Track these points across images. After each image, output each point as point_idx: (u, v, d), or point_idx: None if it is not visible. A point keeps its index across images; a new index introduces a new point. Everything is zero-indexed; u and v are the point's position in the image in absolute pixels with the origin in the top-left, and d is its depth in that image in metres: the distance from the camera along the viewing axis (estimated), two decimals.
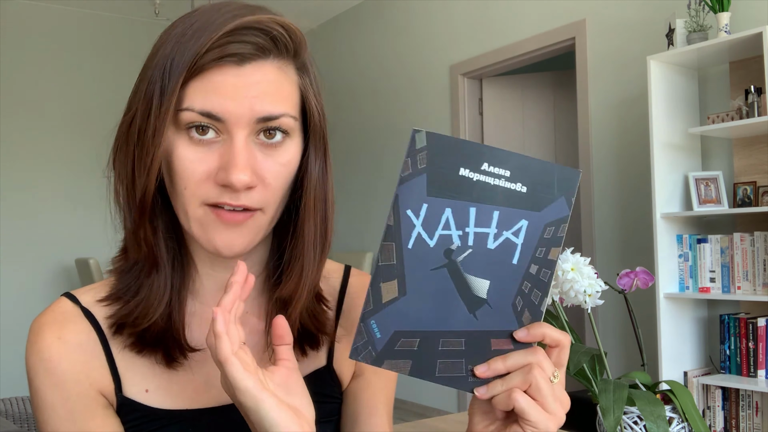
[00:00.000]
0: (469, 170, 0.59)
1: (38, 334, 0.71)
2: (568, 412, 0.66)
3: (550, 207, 0.60)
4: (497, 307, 0.60)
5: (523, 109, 4.54)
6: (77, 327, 0.72)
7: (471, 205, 0.59)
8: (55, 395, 0.70)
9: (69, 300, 0.75)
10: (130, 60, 5.54)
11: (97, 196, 5.30)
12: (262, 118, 0.67)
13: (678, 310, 3.01)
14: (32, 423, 1.31)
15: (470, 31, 4.41)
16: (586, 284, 0.94)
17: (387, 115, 5.07)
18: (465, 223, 0.59)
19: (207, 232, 0.68)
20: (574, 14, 3.76)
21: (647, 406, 0.92)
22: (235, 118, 0.66)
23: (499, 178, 0.59)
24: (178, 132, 0.67)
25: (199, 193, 0.67)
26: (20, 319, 4.97)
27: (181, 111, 0.66)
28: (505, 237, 0.59)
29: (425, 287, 0.59)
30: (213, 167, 0.66)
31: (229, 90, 0.66)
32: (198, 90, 0.66)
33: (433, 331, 0.59)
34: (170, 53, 0.66)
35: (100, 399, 0.71)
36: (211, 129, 0.66)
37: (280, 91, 0.68)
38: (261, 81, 0.67)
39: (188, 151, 0.67)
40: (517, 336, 0.60)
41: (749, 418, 2.82)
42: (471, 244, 0.59)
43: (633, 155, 3.47)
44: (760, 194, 2.93)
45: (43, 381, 0.70)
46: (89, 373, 0.71)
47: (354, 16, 5.39)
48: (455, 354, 0.60)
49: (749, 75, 2.93)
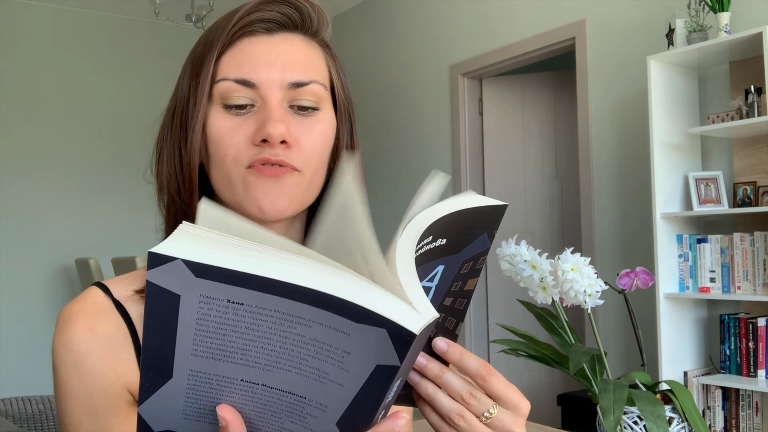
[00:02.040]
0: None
1: (68, 324, 0.70)
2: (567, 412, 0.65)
3: (470, 245, 0.58)
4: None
5: (523, 109, 4.54)
6: (108, 319, 0.71)
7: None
8: (81, 388, 0.69)
9: (100, 290, 0.74)
10: (130, 60, 5.55)
11: (98, 196, 5.31)
12: (293, 83, 0.70)
13: (678, 310, 3.01)
14: (32, 423, 1.31)
15: (470, 31, 4.41)
16: (586, 284, 0.94)
17: (387, 115, 5.07)
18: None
19: (250, 193, 0.70)
20: (574, 14, 3.76)
21: (647, 406, 0.92)
22: (268, 83, 0.70)
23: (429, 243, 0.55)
24: (215, 105, 0.71)
25: (240, 157, 0.69)
26: (20, 319, 4.97)
27: (216, 83, 0.70)
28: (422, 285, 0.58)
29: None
30: (251, 131, 0.70)
31: (261, 57, 0.70)
32: (231, 60, 0.71)
33: None
34: (206, 39, 0.72)
35: (125, 395, 0.70)
36: (248, 103, 0.70)
37: (309, 61, 0.73)
38: (290, 50, 0.72)
39: (225, 120, 0.70)
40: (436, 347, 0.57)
41: (749, 418, 2.82)
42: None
43: (633, 155, 3.47)
44: (760, 194, 2.93)
45: (69, 372, 0.69)
46: (117, 367, 0.70)
47: (354, 16, 5.39)
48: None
49: (749, 75, 2.93)
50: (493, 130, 4.53)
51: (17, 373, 4.81)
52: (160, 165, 0.74)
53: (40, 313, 5.00)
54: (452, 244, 0.57)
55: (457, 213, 0.56)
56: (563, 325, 1.03)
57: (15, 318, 5.00)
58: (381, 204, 5.01)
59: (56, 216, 5.21)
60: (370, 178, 5.14)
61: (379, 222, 4.16)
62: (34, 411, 1.33)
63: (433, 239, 0.56)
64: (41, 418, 1.34)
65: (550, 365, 1.03)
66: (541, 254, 0.96)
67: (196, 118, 0.70)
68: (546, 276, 0.95)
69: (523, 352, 1.03)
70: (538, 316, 1.05)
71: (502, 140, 4.52)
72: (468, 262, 0.59)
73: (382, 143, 5.09)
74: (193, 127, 0.70)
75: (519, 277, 0.97)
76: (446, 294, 0.59)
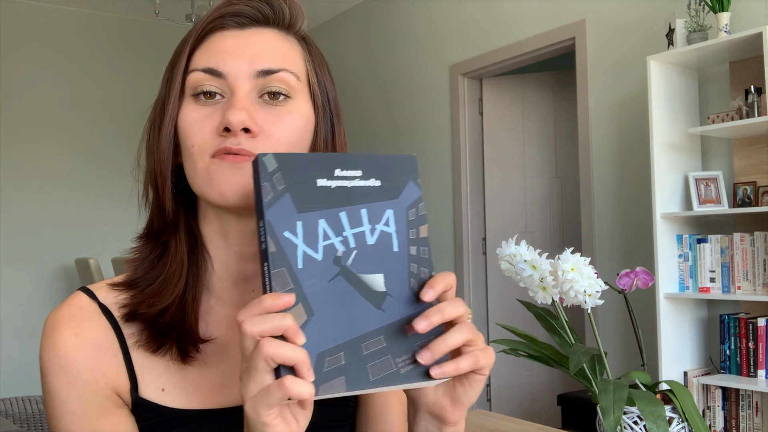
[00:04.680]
0: (326, 179, 0.61)
1: (54, 330, 0.70)
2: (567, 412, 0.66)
3: (404, 192, 0.63)
4: (397, 295, 0.61)
5: (523, 109, 4.54)
6: (94, 323, 0.71)
7: (340, 210, 0.61)
8: (70, 393, 0.69)
9: (86, 295, 0.74)
10: (130, 60, 5.55)
11: (98, 196, 5.31)
12: (261, 71, 0.70)
13: (678, 310, 3.01)
14: (32, 423, 1.31)
15: (470, 31, 4.41)
16: (586, 284, 0.94)
17: (387, 115, 5.07)
18: (341, 228, 0.60)
19: (212, 180, 0.69)
20: (574, 14, 3.76)
21: (647, 406, 0.92)
22: (236, 73, 0.70)
23: (354, 179, 0.62)
24: (187, 99, 0.72)
25: (205, 147, 0.70)
26: (20, 319, 4.97)
27: (187, 74, 0.71)
28: (379, 230, 0.62)
29: (328, 300, 0.58)
30: (217, 122, 0.70)
31: (230, 48, 0.71)
32: (202, 53, 0.72)
33: (352, 340, 0.58)
34: (183, 38, 0.74)
35: (115, 398, 0.70)
36: (217, 92, 0.71)
37: (281, 52, 0.73)
38: (261, 41, 0.72)
39: (195, 112, 0.71)
40: (425, 297, 0.60)
41: (749, 418, 2.82)
42: (353, 245, 0.60)
43: (633, 155, 3.47)
44: (760, 194, 2.93)
45: (57, 378, 0.69)
46: (105, 371, 0.70)
47: (354, 17, 5.39)
48: (380, 353, 0.59)
49: (749, 75, 2.93)
50: (493, 130, 4.53)
51: (17, 373, 4.81)
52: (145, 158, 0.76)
53: (40, 313, 5.00)
54: (386, 188, 0.63)
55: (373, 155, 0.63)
56: (563, 325, 1.03)
57: (15, 318, 5.00)
58: None
59: (56, 216, 5.22)
60: None
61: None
62: (34, 411, 1.34)
63: (364, 175, 0.62)
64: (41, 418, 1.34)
65: (550, 365, 1.03)
66: (541, 254, 0.96)
67: (167, 111, 0.72)
68: (546, 276, 0.95)
69: (523, 352, 1.03)
70: (538, 316, 1.05)
71: (502, 140, 4.52)
72: (411, 209, 0.63)
73: (382, 143, 5.09)
74: (165, 120, 0.72)
75: (519, 277, 0.97)
76: (408, 241, 0.63)
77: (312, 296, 0.58)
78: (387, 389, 0.59)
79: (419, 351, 0.60)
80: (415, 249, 0.63)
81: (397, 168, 0.63)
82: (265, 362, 0.53)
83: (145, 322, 0.71)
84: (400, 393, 0.85)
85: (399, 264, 0.62)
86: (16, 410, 1.31)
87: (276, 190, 0.59)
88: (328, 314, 0.58)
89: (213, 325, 0.75)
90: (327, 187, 0.60)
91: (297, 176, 0.60)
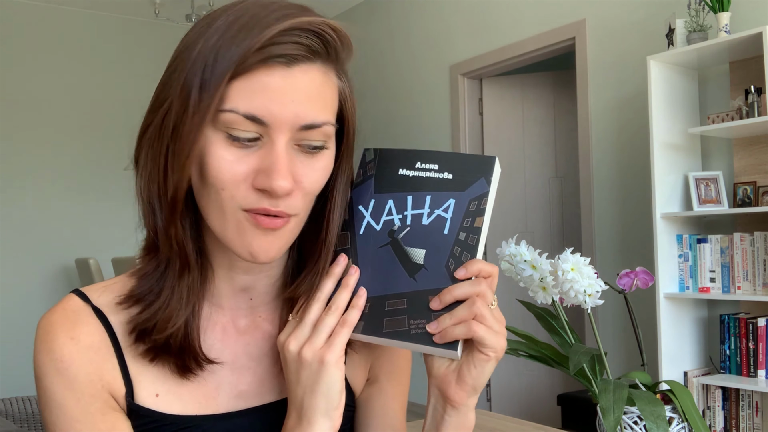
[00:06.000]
0: (406, 169, 0.73)
1: (49, 333, 0.69)
2: (567, 412, 0.67)
3: (472, 186, 0.72)
4: (433, 269, 0.70)
5: (523, 109, 4.54)
6: (89, 327, 0.70)
7: (408, 194, 0.73)
8: (67, 396, 0.68)
9: (79, 298, 0.72)
10: (130, 60, 5.55)
11: (98, 196, 5.31)
12: (305, 125, 0.65)
13: (678, 310, 3.01)
14: (32, 423, 1.31)
15: (470, 31, 4.41)
16: (586, 284, 0.94)
17: (387, 115, 5.07)
18: (404, 209, 0.72)
19: (243, 238, 0.66)
20: (574, 14, 3.76)
21: (647, 406, 0.92)
22: (279, 123, 0.64)
23: (430, 171, 0.73)
24: (216, 131, 0.64)
25: (238, 195, 0.65)
26: (20, 320, 4.97)
27: (223, 111, 0.63)
28: (436, 214, 0.71)
29: (373, 262, 0.71)
30: (251, 169, 0.65)
31: (276, 93, 0.64)
32: (243, 90, 0.63)
33: (380, 296, 0.70)
34: (213, 47, 0.63)
35: (111, 401, 0.70)
36: (254, 134, 0.64)
37: (323, 97, 0.67)
38: (308, 85, 0.65)
39: (226, 152, 0.64)
40: (457, 275, 0.69)
41: (749, 418, 2.82)
42: (409, 223, 0.72)
43: (633, 155, 3.47)
44: (760, 194, 2.93)
45: (54, 381, 0.68)
46: (101, 374, 0.70)
47: (353, 17, 5.39)
48: (399, 312, 0.69)
49: (749, 75, 2.93)
50: (493, 130, 4.53)
51: (17, 373, 4.81)
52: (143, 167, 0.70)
53: (40, 313, 4.99)
54: (456, 181, 0.72)
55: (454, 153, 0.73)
56: (563, 325, 1.03)
57: (15, 318, 5.00)
58: None
59: (56, 216, 5.22)
60: None
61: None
62: (34, 411, 1.34)
63: (439, 169, 0.73)
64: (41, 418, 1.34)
65: (550, 365, 1.03)
66: (541, 254, 0.96)
67: (193, 144, 0.64)
68: (546, 276, 0.95)
69: (523, 352, 1.03)
70: (538, 316, 1.05)
71: (502, 140, 4.52)
72: (474, 201, 0.71)
73: (382, 143, 5.08)
74: (189, 152, 0.64)
75: (519, 277, 0.97)
76: (460, 228, 0.71)
77: (361, 256, 0.72)
78: (394, 344, 0.69)
79: (431, 322, 0.68)
80: (465, 235, 0.70)
81: (473, 166, 0.72)
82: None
83: (152, 342, 0.70)
84: (403, 402, 0.85)
85: (444, 245, 0.70)
86: (16, 410, 1.31)
87: (366, 175, 0.75)
88: (368, 272, 0.71)
89: (212, 335, 0.75)
90: (405, 175, 0.73)
91: (385, 166, 0.74)
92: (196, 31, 0.67)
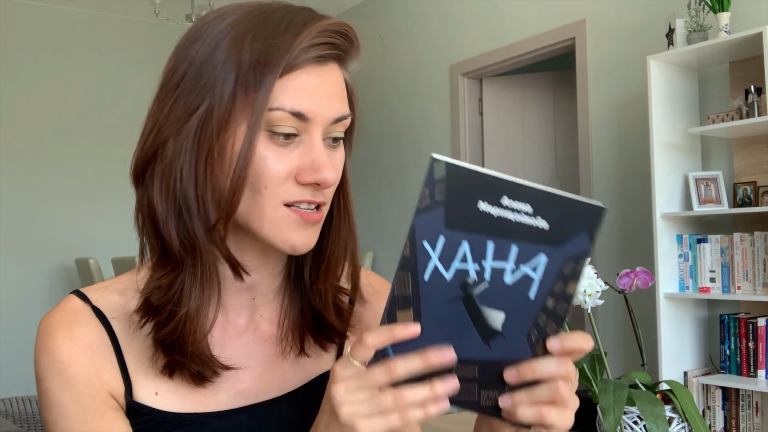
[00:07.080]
0: (489, 204, 0.57)
1: (48, 334, 0.70)
2: None
3: (571, 242, 0.57)
4: (512, 338, 0.59)
5: (523, 109, 4.54)
6: (88, 328, 0.71)
7: (489, 239, 0.57)
8: (66, 396, 0.69)
9: (79, 298, 0.73)
10: (130, 60, 5.54)
11: (98, 196, 5.31)
12: (337, 118, 0.70)
13: (678, 310, 3.01)
14: (32, 423, 1.31)
15: (470, 31, 4.41)
16: (586, 284, 0.94)
17: (387, 116, 5.07)
18: (482, 257, 0.58)
19: (283, 231, 0.69)
20: (574, 14, 3.76)
21: (647, 406, 0.92)
22: (319, 118, 0.68)
23: (520, 213, 0.57)
24: (261, 131, 0.67)
25: (280, 192, 0.68)
26: (20, 320, 4.97)
27: (270, 110, 0.66)
28: (523, 272, 0.58)
29: (440, 317, 0.59)
30: (294, 167, 0.68)
31: (314, 90, 0.68)
32: (287, 89, 0.67)
33: None
34: (254, 50, 0.66)
35: (110, 401, 0.71)
36: (294, 130, 0.68)
37: (344, 91, 0.73)
38: (336, 82, 0.71)
39: (269, 151, 0.67)
40: (551, 348, 0.58)
41: (749, 418, 2.82)
42: (488, 278, 0.58)
43: (633, 155, 3.47)
44: (760, 194, 2.93)
45: (53, 381, 0.69)
46: (101, 374, 0.70)
47: (353, 17, 5.39)
48: (469, 380, 0.59)
49: (749, 75, 2.93)
50: (493, 130, 4.53)
51: (17, 373, 4.81)
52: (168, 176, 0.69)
53: (40, 313, 4.99)
54: (553, 233, 0.57)
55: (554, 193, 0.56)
56: None
57: (15, 318, 5.00)
58: (382, 204, 5.01)
59: (56, 216, 5.21)
60: (371, 178, 5.15)
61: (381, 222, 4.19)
62: (34, 411, 1.34)
63: (533, 212, 0.56)
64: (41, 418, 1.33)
65: None
66: None
67: (251, 138, 0.66)
68: None
69: None
70: None
71: (502, 140, 4.52)
72: (569, 262, 0.57)
73: (382, 143, 5.09)
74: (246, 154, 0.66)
75: None
76: (548, 293, 0.58)
77: (426, 308, 0.59)
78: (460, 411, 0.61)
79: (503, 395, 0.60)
80: (553, 302, 0.58)
81: (575, 214, 0.56)
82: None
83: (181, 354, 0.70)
84: None
85: (527, 311, 0.58)
86: (16, 410, 1.31)
87: (433, 198, 0.57)
88: (433, 329, 0.59)
89: (220, 342, 0.75)
90: (488, 213, 0.57)
91: (460, 193, 0.57)
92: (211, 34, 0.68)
